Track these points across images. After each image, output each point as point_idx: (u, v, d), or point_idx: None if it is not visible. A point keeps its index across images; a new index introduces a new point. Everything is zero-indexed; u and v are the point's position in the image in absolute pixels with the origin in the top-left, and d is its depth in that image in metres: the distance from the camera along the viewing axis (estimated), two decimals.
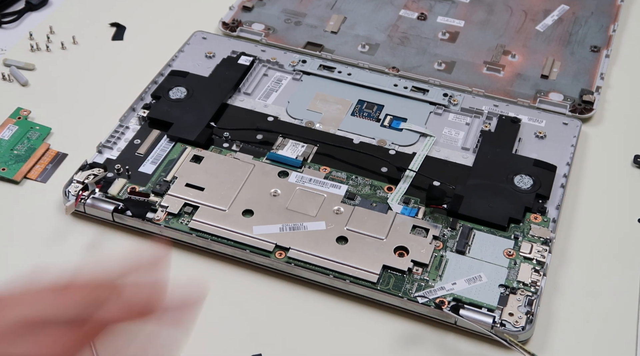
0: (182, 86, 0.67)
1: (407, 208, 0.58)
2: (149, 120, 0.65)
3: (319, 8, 0.80)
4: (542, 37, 0.77)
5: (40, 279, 0.38)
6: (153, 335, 0.40)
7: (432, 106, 0.68)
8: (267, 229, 0.56)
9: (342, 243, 0.55)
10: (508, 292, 0.52)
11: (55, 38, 0.76)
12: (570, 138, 0.65)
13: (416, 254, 0.54)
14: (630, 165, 0.65)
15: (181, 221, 0.56)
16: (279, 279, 0.55)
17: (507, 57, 0.74)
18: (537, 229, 0.56)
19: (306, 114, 0.67)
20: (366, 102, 0.68)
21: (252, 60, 0.71)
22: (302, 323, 0.53)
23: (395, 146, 0.64)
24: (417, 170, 0.61)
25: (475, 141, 0.65)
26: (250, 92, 0.69)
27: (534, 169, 0.61)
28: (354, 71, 0.71)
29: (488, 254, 0.55)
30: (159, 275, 0.40)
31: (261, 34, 0.76)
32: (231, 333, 0.52)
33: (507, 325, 0.51)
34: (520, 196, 0.59)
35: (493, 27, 0.78)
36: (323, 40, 0.76)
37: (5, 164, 0.62)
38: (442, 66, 0.73)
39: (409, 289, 0.53)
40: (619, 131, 0.68)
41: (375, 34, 0.77)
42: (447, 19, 0.79)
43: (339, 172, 0.61)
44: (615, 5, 0.81)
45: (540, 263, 0.54)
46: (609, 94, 0.72)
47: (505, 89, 0.71)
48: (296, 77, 0.71)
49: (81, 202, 0.58)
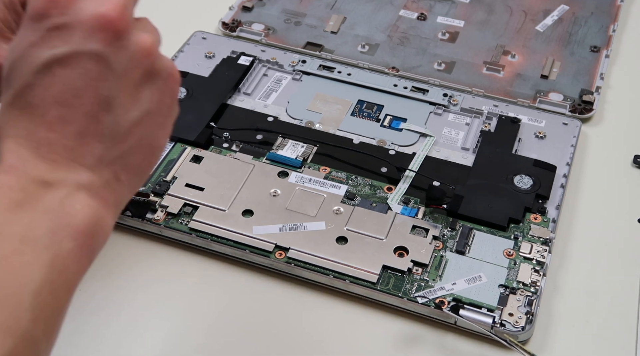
0: (182, 86, 0.67)
1: (407, 208, 0.58)
2: None
3: (319, 8, 0.80)
4: (542, 37, 0.77)
5: None
6: None
7: (432, 106, 0.68)
8: (267, 230, 0.56)
9: (342, 243, 0.55)
10: (508, 292, 0.52)
11: None
12: (570, 138, 0.65)
13: (416, 255, 0.54)
14: (630, 165, 0.65)
15: (181, 221, 0.56)
16: (279, 280, 0.55)
17: (507, 57, 0.74)
18: (537, 230, 0.56)
19: (306, 114, 0.67)
20: (366, 103, 0.68)
21: (252, 60, 0.71)
22: (302, 323, 0.53)
23: (395, 146, 0.64)
24: (417, 170, 0.61)
25: (475, 141, 0.65)
26: (250, 93, 0.69)
27: (534, 169, 0.61)
28: (354, 71, 0.71)
29: (488, 255, 0.55)
30: None
31: (261, 34, 0.76)
32: (231, 333, 0.52)
33: (507, 325, 0.51)
34: (520, 196, 0.59)
35: (493, 27, 0.78)
36: (323, 40, 0.76)
37: None
38: (442, 66, 0.73)
39: (409, 290, 0.53)
40: (619, 131, 0.68)
41: (375, 34, 0.77)
42: (447, 19, 0.79)
43: (338, 173, 0.61)
44: (615, 5, 0.81)
45: (540, 263, 0.54)
46: (608, 94, 0.72)
47: (505, 89, 0.71)
48: (296, 78, 0.71)
49: None
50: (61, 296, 0.33)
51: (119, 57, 0.35)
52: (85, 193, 0.34)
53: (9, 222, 0.32)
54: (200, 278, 0.55)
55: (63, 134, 0.34)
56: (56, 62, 0.33)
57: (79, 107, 0.34)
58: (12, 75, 0.34)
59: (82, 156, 0.34)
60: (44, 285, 0.32)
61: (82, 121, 0.34)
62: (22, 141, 0.33)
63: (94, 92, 0.34)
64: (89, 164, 0.34)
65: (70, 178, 0.34)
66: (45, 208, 0.33)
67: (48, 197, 0.33)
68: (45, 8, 0.33)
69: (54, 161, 0.34)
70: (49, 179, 0.33)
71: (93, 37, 0.34)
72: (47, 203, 0.33)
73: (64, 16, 0.33)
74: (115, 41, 0.34)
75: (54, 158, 0.34)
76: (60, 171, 0.34)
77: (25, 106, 0.34)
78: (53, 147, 0.34)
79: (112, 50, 0.34)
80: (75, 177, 0.34)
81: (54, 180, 0.33)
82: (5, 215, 0.32)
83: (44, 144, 0.33)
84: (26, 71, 0.33)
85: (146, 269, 0.55)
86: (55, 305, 0.32)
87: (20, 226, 0.32)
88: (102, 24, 0.34)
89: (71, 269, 0.33)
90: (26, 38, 0.34)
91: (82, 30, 0.33)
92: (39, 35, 0.33)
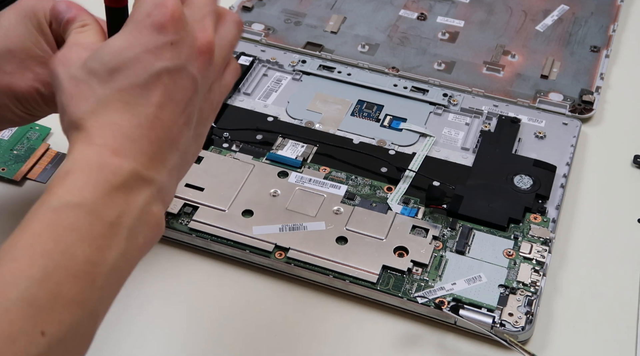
0: None
1: (407, 208, 0.58)
2: None
3: (319, 8, 0.80)
4: (542, 37, 0.77)
5: None
6: None
7: (431, 106, 0.68)
8: (267, 230, 0.56)
9: (341, 243, 0.55)
10: (508, 292, 0.52)
11: None
12: (570, 138, 0.65)
13: (416, 255, 0.54)
14: (630, 165, 0.65)
15: (181, 222, 0.56)
16: (279, 280, 0.55)
17: (507, 57, 0.74)
18: (536, 230, 0.56)
19: (306, 114, 0.67)
20: (366, 102, 0.68)
21: (251, 60, 0.71)
22: (302, 323, 0.53)
23: (395, 146, 0.64)
24: (417, 170, 0.61)
25: (475, 141, 0.65)
26: (250, 92, 0.69)
27: (534, 169, 0.61)
28: (354, 71, 0.71)
29: (488, 255, 0.55)
30: None
31: (261, 34, 0.76)
32: (231, 333, 0.52)
33: (507, 325, 0.51)
34: (520, 196, 0.59)
35: (493, 27, 0.78)
36: (323, 40, 0.76)
37: (5, 164, 0.62)
38: (442, 66, 0.73)
39: (409, 290, 0.53)
40: (619, 131, 0.68)
41: (375, 34, 0.77)
42: (447, 19, 0.79)
43: (338, 173, 0.61)
44: (615, 5, 0.81)
45: (540, 263, 0.54)
46: (608, 94, 0.72)
47: (505, 89, 0.71)
48: (296, 77, 0.71)
49: None
50: (121, 282, 0.36)
51: (203, 83, 0.40)
52: (161, 195, 0.38)
53: (106, 205, 0.35)
54: (200, 278, 0.55)
55: (159, 137, 0.37)
56: (166, 72, 0.38)
57: (174, 116, 0.38)
58: (119, 72, 0.37)
59: (167, 161, 0.38)
60: (114, 270, 0.35)
61: (174, 130, 0.38)
62: (125, 132, 0.37)
63: (186, 107, 0.39)
64: (167, 170, 0.38)
65: (158, 179, 0.38)
66: (136, 202, 0.36)
67: (141, 193, 0.37)
68: (166, 22, 0.37)
69: (151, 159, 0.37)
70: (144, 175, 0.37)
71: (194, 60, 0.39)
72: (138, 198, 0.36)
73: (178, 34, 0.38)
74: (206, 68, 0.40)
75: (150, 157, 0.37)
76: (152, 170, 0.37)
77: (131, 101, 0.37)
78: (151, 146, 0.37)
79: (202, 74, 0.39)
80: (161, 179, 0.38)
81: (148, 177, 0.37)
82: (105, 198, 0.35)
83: (144, 141, 0.37)
84: (139, 72, 0.37)
85: (146, 269, 0.55)
86: (116, 288, 0.36)
87: (113, 211, 0.35)
88: (203, 50, 0.39)
89: (135, 261, 0.37)
90: (141, 43, 0.37)
91: (189, 51, 0.38)
92: (155, 44, 0.37)
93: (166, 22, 0.37)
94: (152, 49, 0.37)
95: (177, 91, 0.38)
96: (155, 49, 0.37)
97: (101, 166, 0.36)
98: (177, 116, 0.38)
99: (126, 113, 0.37)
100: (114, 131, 0.37)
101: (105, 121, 0.37)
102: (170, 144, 0.38)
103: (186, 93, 0.38)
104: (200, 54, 0.39)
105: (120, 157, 0.36)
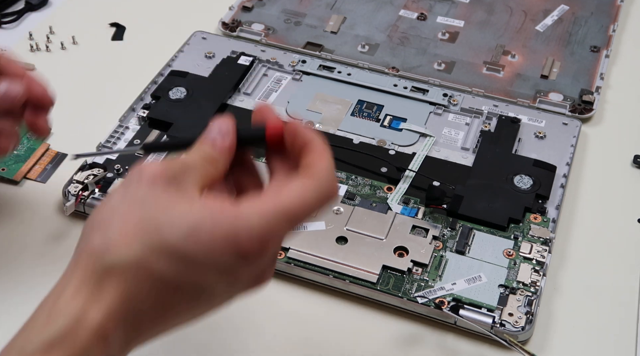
0: (182, 86, 0.67)
1: (407, 208, 0.58)
2: (148, 120, 0.65)
3: (319, 8, 0.80)
4: (542, 37, 0.77)
5: None
6: None
7: (431, 106, 0.68)
8: None
9: (341, 243, 0.55)
10: (508, 292, 0.52)
11: (55, 38, 0.76)
12: (570, 138, 0.65)
13: (416, 255, 0.54)
14: (630, 165, 0.65)
15: None
16: (279, 280, 0.55)
17: (507, 57, 0.74)
18: (536, 230, 0.56)
19: (306, 114, 0.67)
20: (366, 102, 0.68)
21: (251, 60, 0.71)
22: (302, 323, 0.53)
23: (395, 146, 0.64)
24: (417, 170, 0.61)
25: (475, 141, 0.65)
26: (250, 93, 0.69)
27: (534, 169, 0.61)
28: (354, 71, 0.71)
29: (488, 255, 0.55)
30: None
31: (261, 34, 0.76)
32: (231, 333, 0.52)
33: (507, 325, 0.51)
34: (520, 196, 0.59)
35: (493, 27, 0.78)
36: (323, 40, 0.76)
37: (5, 164, 0.62)
38: (442, 66, 0.73)
39: (409, 290, 0.53)
40: (619, 131, 0.68)
41: (375, 34, 0.77)
42: (447, 19, 0.79)
43: (338, 173, 0.61)
44: (615, 5, 0.81)
45: (540, 263, 0.54)
46: (608, 94, 0.72)
47: (505, 89, 0.71)
48: (296, 78, 0.71)
49: (81, 202, 0.58)
50: None
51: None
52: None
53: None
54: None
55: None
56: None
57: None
58: (184, 264, 0.34)
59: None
60: None
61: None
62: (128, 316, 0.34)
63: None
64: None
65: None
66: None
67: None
68: (252, 252, 0.35)
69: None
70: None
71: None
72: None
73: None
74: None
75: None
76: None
77: (162, 295, 0.35)
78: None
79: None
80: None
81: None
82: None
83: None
84: (199, 280, 0.36)
85: None
86: None
87: None
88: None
89: None
90: (225, 264, 0.35)
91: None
92: (235, 268, 0.36)
93: (253, 252, 0.35)
94: (230, 271, 0.36)
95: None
96: (232, 272, 0.36)
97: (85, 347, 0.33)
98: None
99: (149, 300, 0.34)
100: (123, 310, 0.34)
101: (122, 287, 0.34)
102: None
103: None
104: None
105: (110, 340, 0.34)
